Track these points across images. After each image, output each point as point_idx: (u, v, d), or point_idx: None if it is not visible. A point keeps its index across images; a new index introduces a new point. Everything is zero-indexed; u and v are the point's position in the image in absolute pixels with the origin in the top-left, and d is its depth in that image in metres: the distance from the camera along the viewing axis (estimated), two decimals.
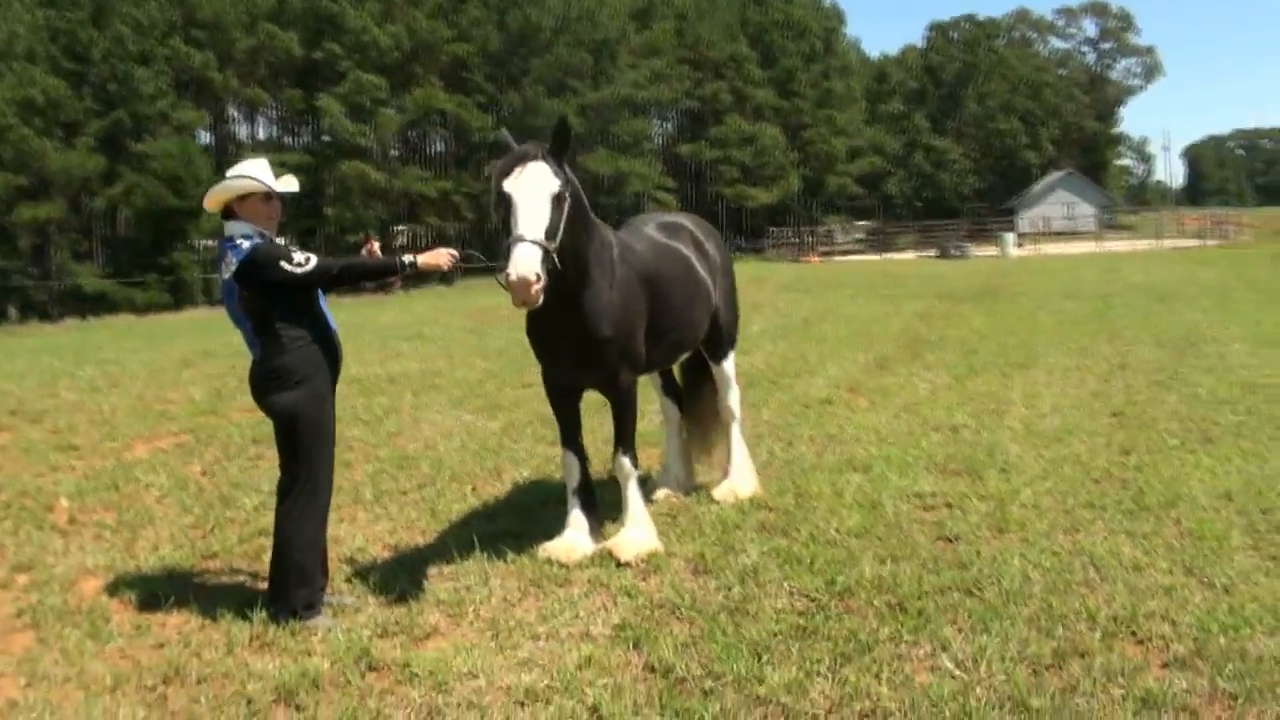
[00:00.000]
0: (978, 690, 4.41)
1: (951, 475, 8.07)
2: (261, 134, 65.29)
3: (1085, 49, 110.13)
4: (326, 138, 59.35)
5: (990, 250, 57.93)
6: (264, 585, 5.95)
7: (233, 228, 5.38)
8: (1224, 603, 5.30)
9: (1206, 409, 10.31)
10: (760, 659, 4.80)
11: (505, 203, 5.59)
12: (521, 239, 5.38)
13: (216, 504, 7.75)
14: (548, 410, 11.06)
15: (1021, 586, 5.59)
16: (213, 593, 5.96)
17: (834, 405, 11.22)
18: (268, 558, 6.47)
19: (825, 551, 6.26)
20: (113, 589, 6.05)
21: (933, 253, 59.60)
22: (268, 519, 7.24)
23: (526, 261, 5.30)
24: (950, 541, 6.49)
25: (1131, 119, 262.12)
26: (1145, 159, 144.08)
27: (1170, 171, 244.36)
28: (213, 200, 5.47)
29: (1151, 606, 5.27)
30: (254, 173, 5.45)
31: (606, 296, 6.07)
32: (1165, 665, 4.66)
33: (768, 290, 30.87)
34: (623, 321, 6.18)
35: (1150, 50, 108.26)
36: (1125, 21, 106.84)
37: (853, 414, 10.68)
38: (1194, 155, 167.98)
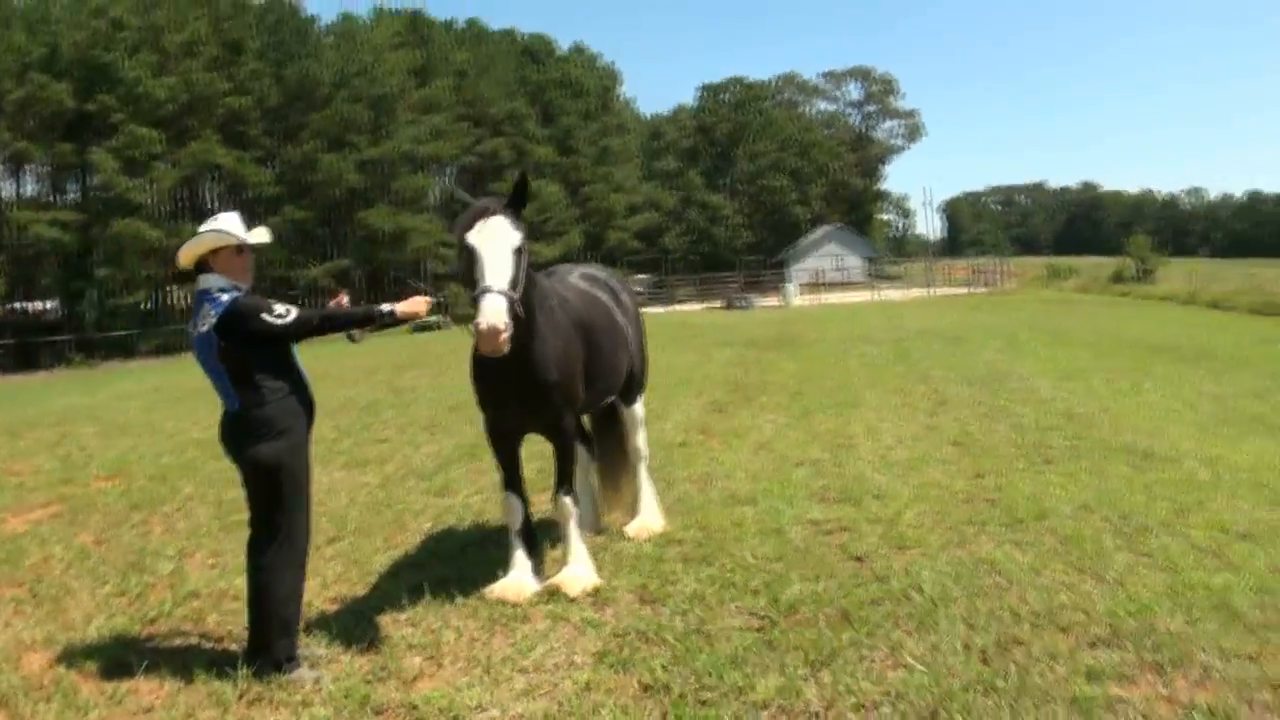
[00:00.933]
0: (947, 679, 4.98)
1: (833, 503, 8.68)
2: (30, 189, 62.09)
3: (850, 111, 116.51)
4: (98, 193, 56.96)
5: (773, 300, 60.30)
6: (221, 645, 5.98)
7: (209, 281, 5.44)
8: (1121, 593, 6.08)
9: (1036, 435, 11.35)
10: (744, 670, 5.22)
11: (469, 255, 5.86)
12: (489, 290, 5.67)
13: (130, 571, 7.58)
14: (418, 462, 11.42)
15: (943, 592, 6.22)
16: (173, 655, 5.88)
17: (692, 447, 11.71)
18: (212, 619, 6.54)
19: (754, 576, 6.72)
20: (64, 661, 5.88)
21: (719, 304, 61.58)
22: (193, 582, 7.26)
23: (495, 311, 5.59)
24: (859, 560, 7.06)
25: (896, 176, 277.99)
26: (905, 214, 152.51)
27: (931, 225, 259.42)
28: (186, 255, 5.51)
29: (1062, 600, 6.00)
30: (226, 226, 5.55)
31: (552, 343, 6.39)
32: (1093, 645, 5.37)
33: None
34: (566, 367, 6.51)
35: (912, 113, 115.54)
36: (888, 86, 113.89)
37: (715, 454, 11.20)
38: (952, 209, 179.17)
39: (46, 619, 6.67)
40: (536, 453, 8.90)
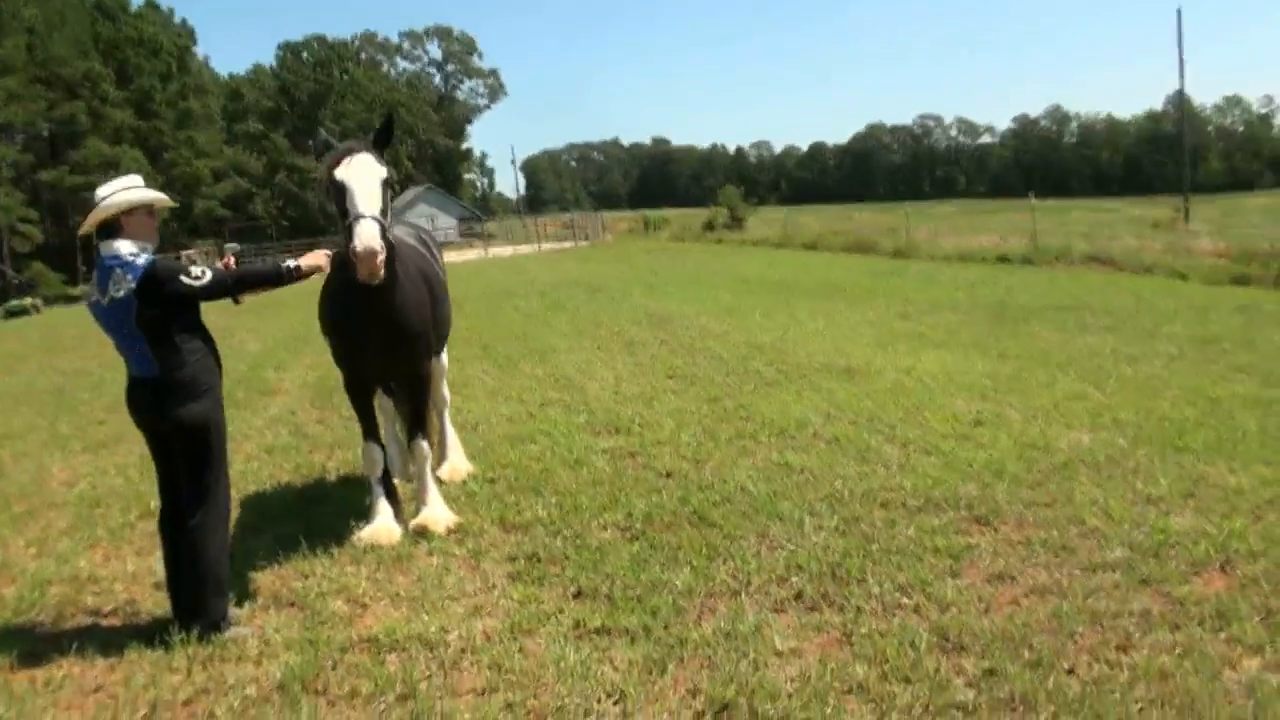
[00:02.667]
0: (826, 550, 5.97)
1: (607, 435, 9.46)
2: None
3: (432, 71, 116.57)
4: None
5: None
6: (129, 620, 5.91)
7: (118, 246, 5.35)
8: (911, 474, 7.40)
9: (738, 364, 12.65)
10: (650, 570, 5.92)
11: (339, 190, 6.13)
12: (362, 215, 5.98)
13: None
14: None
15: (769, 490, 7.24)
16: (83, 637, 5.61)
17: None
18: (89, 600, 6.30)
19: (590, 499, 7.37)
20: None
21: None
22: (34, 571, 6.89)
23: (371, 233, 5.91)
24: (669, 476, 7.91)
25: (479, 136, 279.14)
26: (486, 173, 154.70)
27: (515, 183, 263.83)
28: (102, 214, 5.37)
29: (868, 485, 7.22)
30: (135, 186, 5.50)
31: (408, 290, 6.70)
32: (917, 513, 6.60)
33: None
34: (421, 313, 6.85)
35: (494, 73, 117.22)
36: (468, 45, 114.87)
37: (456, 404, 11.57)
38: (531, 167, 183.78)
39: None
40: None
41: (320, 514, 7.67)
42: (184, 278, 5.37)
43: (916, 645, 4.74)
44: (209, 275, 5.46)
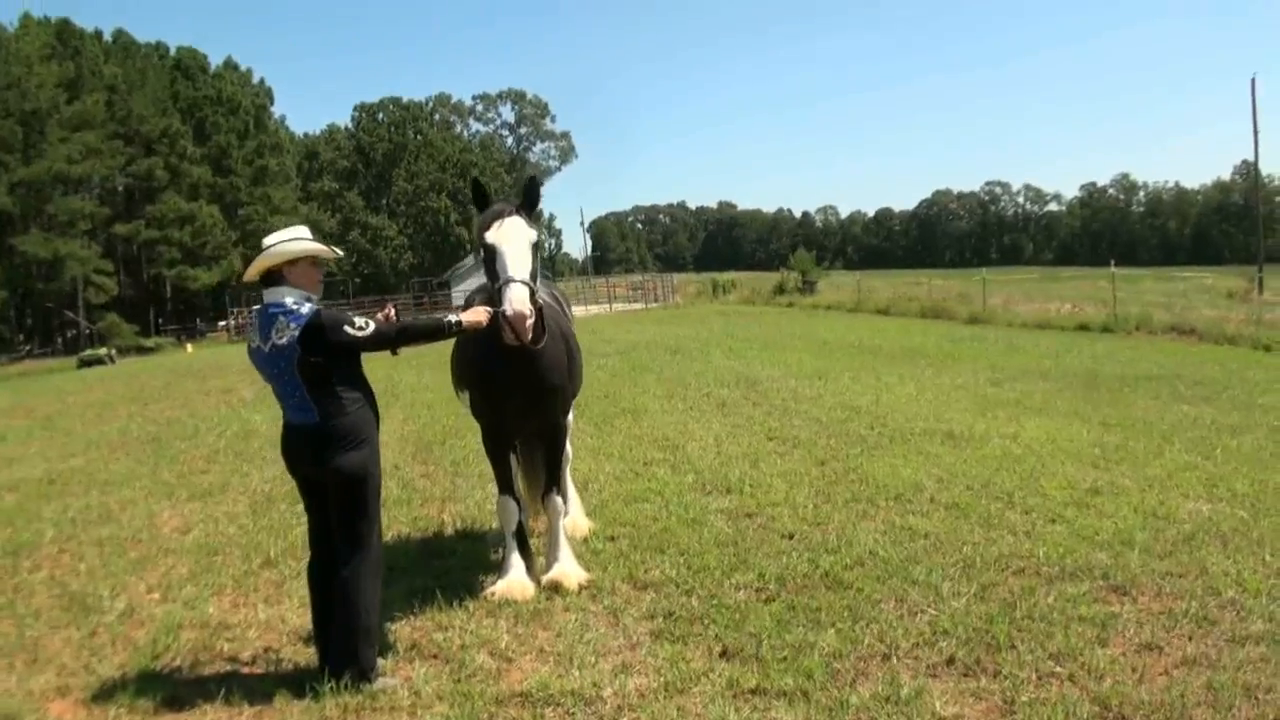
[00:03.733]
0: (969, 616, 6.00)
1: (719, 494, 9.53)
2: None
3: (505, 133, 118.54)
4: None
5: None
6: (272, 669, 6.01)
7: (281, 293, 5.54)
8: (1040, 542, 7.39)
9: (838, 427, 12.70)
10: (795, 631, 5.98)
11: (490, 253, 6.36)
12: (512, 279, 6.16)
13: (77, 612, 7.27)
14: (266, 488, 11.28)
15: (901, 554, 7.27)
16: (223, 684, 5.72)
17: None
18: (224, 647, 6.40)
19: (718, 560, 7.43)
20: (104, 704, 5.63)
21: None
22: (163, 616, 7.06)
23: (520, 298, 6.09)
24: (791, 538, 7.96)
25: (548, 197, 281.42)
26: (553, 234, 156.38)
27: (582, 244, 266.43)
28: (267, 262, 5.57)
29: (997, 551, 7.23)
30: (303, 237, 5.70)
31: (553, 346, 6.88)
32: (1053, 581, 6.59)
33: None
34: (562, 369, 7.03)
35: (565, 135, 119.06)
36: (541, 109, 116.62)
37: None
38: (597, 229, 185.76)
39: (35, 668, 6.31)
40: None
41: (447, 567, 7.82)
42: (348, 328, 5.52)
43: (1079, 715, 4.77)
44: (372, 327, 5.61)
